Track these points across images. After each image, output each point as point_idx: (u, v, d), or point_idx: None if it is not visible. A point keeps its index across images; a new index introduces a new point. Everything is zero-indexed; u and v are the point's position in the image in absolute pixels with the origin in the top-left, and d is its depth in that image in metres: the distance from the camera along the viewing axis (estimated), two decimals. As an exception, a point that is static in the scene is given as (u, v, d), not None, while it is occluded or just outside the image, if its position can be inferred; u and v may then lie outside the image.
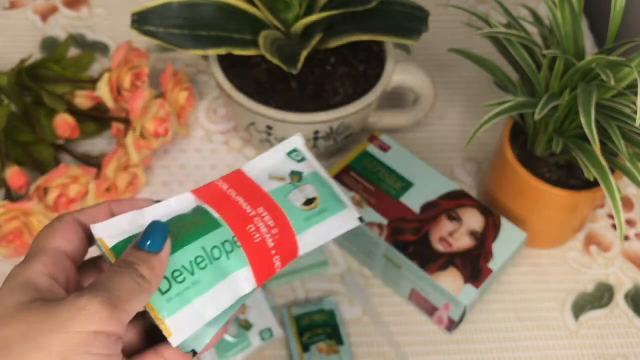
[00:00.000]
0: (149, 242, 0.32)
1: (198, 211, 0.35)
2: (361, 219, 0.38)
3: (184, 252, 0.33)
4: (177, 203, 0.36)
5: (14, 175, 0.58)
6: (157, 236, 0.33)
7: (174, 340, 0.32)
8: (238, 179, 0.37)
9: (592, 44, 0.75)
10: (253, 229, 0.35)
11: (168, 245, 0.33)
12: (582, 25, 0.53)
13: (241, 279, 0.34)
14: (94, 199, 0.59)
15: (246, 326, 0.55)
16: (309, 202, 0.37)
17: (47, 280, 0.32)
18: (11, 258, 0.58)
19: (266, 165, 0.39)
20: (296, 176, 0.38)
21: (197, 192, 0.36)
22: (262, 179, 0.38)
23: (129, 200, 0.36)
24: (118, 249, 0.34)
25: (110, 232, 0.35)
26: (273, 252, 0.35)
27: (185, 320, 0.32)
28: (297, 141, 0.39)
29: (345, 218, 0.37)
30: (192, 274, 0.33)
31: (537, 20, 0.56)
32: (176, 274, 0.33)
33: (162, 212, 0.36)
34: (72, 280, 0.33)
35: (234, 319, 0.55)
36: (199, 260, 0.33)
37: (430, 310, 0.56)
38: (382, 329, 0.56)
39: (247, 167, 0.38)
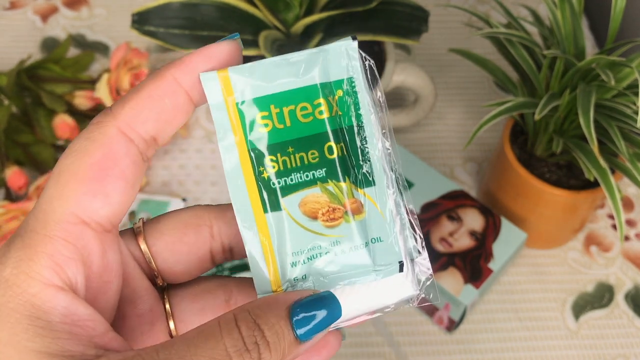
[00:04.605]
0: (311, 324, 0.22)
1: None
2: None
3: None
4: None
5: (14, 175, 0.58)
6: (327, 323, 0.22)
7: None
8: None
9: (592, 44, 0.75)
10: None
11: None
12: (582, 25, 0.53)
13: None
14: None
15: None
16: None
17: (61, 300, 0.21)
18: (11, 258, 0.58)
19: None
20: None
21: None
22: None
23: (202, 56, 0.23)
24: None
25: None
26: None
27: None
28: None
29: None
30: None
31: (537, 20, 0.56)
32: None
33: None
34: (110, 282, 0.23)
35: None
36: None
37: (430, 310, 0.55)
38: (382, 329, 0.56)
39: None
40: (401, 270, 0.25)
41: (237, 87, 0.24)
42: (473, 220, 0.56)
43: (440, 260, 0.53)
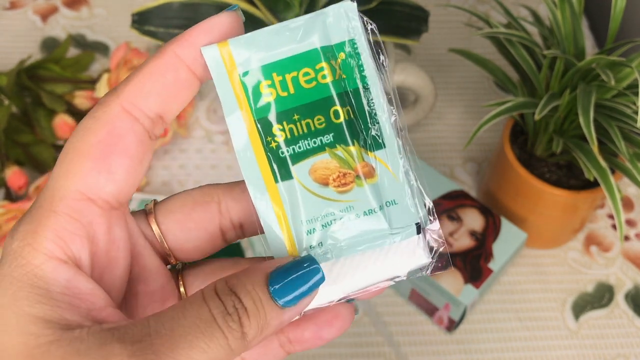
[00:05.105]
0: (291, 289, 0.22)
1: None
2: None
3: None
4: None
5: (14, 175, 0.58)
6: (309, 288, 0.22)
7: None
8: None
9: (592, 44, 0.75)
10: None
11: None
12: (582, 25, 0.53)
13: None
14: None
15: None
16: None
17: (63, 273, 0.22)
18: (11, 258, 0.58)
19: None
20: None
21: None
22: None
23: (205, 30, 0.24)
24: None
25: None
26: None
27: None
28: None
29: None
30: None
31: (537, 20, 0.56)
32: None
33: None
34: (117, 255, 0.24)
35: None
36: None
37: (430, 310, 0.55)
38: (382, 329, 0.56)
39: None
40: (419, 232, 0.25)
41: (239, 58, 0.24)
42: (473, 220, 0.56)
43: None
